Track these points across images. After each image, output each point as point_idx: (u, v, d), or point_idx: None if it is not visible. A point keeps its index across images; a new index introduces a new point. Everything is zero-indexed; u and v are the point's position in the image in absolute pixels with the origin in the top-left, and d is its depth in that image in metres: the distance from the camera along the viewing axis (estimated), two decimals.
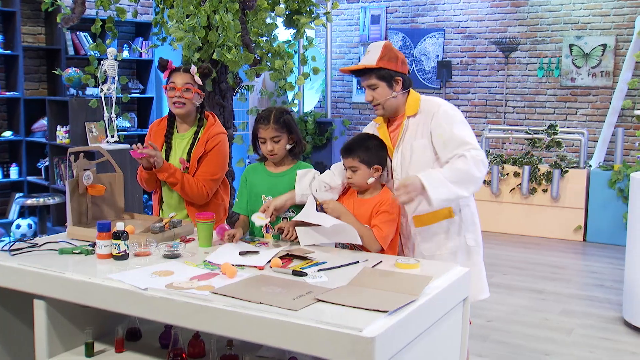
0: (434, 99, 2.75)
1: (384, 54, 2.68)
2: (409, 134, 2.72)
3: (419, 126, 2.70)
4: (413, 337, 1.92)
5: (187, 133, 3.15)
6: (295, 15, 5.37)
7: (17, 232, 6.07)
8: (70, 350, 2.41)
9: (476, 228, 2.80)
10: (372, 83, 2.71)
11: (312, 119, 8.61)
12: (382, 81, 2.69)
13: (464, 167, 2.53)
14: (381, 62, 2.67)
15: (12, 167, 6.85)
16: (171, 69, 3.11)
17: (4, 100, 6.90)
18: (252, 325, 1.86)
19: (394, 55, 2.70)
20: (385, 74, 2.68)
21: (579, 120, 8.01)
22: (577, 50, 7.92)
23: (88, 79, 5.58)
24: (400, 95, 2.73)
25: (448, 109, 2.69)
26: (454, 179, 2.52)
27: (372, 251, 2.62)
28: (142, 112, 7.87)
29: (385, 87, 2.70)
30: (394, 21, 9.26)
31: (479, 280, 2.78)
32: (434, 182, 2.50)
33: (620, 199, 6.56)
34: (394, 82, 2.70)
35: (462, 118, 2.69)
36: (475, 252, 2.78)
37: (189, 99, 3.05)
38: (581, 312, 4.59)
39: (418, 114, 2.72)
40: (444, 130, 2.63)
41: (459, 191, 2.53)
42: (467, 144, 2.59)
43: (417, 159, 2.67)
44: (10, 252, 2.46)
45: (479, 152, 2.58)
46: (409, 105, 2.74)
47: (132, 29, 7.85)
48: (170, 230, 2.73)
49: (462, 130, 2.63)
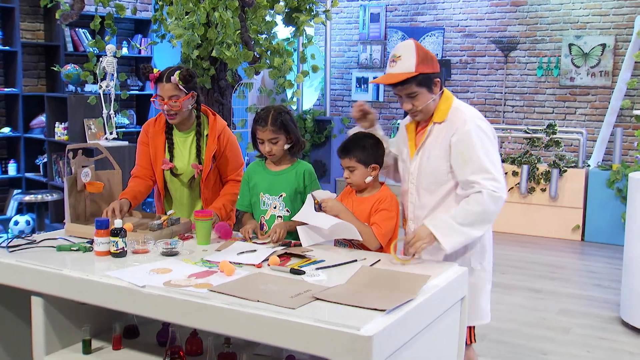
0: (463, 111, 2.51)
1: (419, 56, 2.43)
2: (430, 141, 2.55)
3: (440, 136, 2.52)
4: (411, 336, 1.92)
5: (188, 132, 3.10)
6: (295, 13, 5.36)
7: (15, 228, 6.06)
8: (68, 347, 2.41)
9: (484, 252, 2.61)
10: (412, 91, 2.47)
11: (311, 116, 8.61)
12: (423, 87, 2.47)
13: (479, 209, 2.39)
14: (420, 67, 2.43)
15: (11, 163, 6.84)
16: (154, 78, 2.93)
17: (2, 97, 6.89)
18: (250, 324, 1.86)
19: (428, 55, 2.47)
20: (426, 78, 2.45)
21: (577, 119, 8.01)
22: (577, 50, 7.92)
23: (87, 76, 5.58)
24: (438, 97, 2.54)
25: (473, 128, 2.45)
26: (468, 221, 2.40)
27: (371, 249, 2.62)
28: (140, 109, 7.86)
29: (426, 93, 2.48)
30: (393, 19, 9.25)
31: (477, 304, 2.60)
32: (445, 230, 2.40)
33: (619, 199, 6.57)
34: (433, 85, 2.49)
35: (488, 139, 2.47)
36: (478, 275, 2.60)
37: (178, 109, 2.94)
38: (579, 311, 4.59)
39: (444, 122, 2.52)
40: (466, 149, 2.44)
41: (473, 232, 2.42)
42: (486, 172, 2.40)
43: (432, 170, 2.53)
44: (8, 249, 2.46)
45: (498, 183, 2.41)
46: (438, 109, 2.54)
47: (131, 26, 7.83)
48: (169, 228, 2.72)
49: (486, 155, 2.43)
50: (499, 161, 2.50)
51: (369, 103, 9.32)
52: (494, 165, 2.44)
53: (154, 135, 3.10)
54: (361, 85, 9.52)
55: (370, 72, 9.42)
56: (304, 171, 2.88)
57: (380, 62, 9.34)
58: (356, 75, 9.54)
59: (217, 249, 2.55)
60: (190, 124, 3.10)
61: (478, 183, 2.40)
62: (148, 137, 3.11)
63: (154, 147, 3.08)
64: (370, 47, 9.43)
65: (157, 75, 2.94)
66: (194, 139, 3.08)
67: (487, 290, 2.65)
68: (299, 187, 2.86)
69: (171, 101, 2.91)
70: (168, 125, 3.09)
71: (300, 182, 2.87)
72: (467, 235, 2.43)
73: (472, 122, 2.46)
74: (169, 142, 3.08)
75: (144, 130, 3.14)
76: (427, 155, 2.55)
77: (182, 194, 3.14)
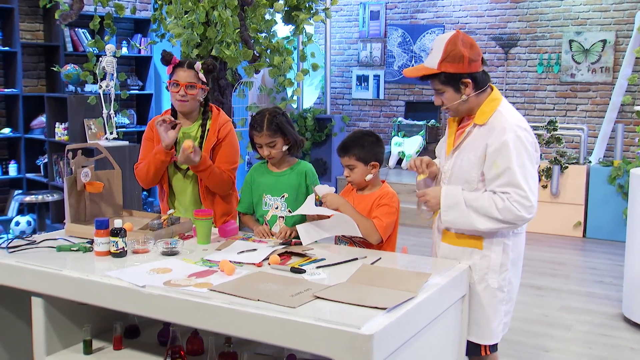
0: (505, 118, 2.35)
1: (446, 53, 2.31)
2: (467, 142, 2.42)
3: (478, 140, 2.38)
4: (412, 335, 1.91)
5: (192, 126, 3.11)
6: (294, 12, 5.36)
7: (16, 229, 6.06)
8: (69, 347, 2.41)
9: (504, 271, 2.44)
10: (438, 88, 2.39)
11: (311, 115, 8.60)
12: (448, 86, 2.36)
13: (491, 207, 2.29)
14: (443, 65, 2.32)
15: (11, 164, 6.84)
16: (175, 63, 3.02)
17: (2, 97, 6.88)
18: (251, 323, 1.85)
19: (458, 53, 2.31)
20: (450, 78, 2.34)
21: (578, 116, 8.00)
22: (577, 46, 7.90)
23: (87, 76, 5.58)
24: (473, 98, 2.38)
25: (511, 139, 2.29)
26: (476, 209, 2.31)
27: (372, 242, 2.62)
28: (141, 108, 7.86)
29: (453, 92, 2.37)
30: (393, 17, 9.24)
31: (487, 323, 2.44)
32: (450, 202, 2.35)
33: (620, 195, 6.55)
34: (461, 85, 2.35)
35: (526, 152, 2.31)
36: (492, 294, 2.42)
37: (193, 96, 3.00)
38: (581, 308, 4.59)
39: (484, 126, 2.37)
40: (501, 159, 2.29)
41: (475, 222, 2.32)
42: (518, 187, 2.27)
43: (465, 174, 2.40)
44: (8, 250, 2.45)
45: (527, 202, 2.27)
46: (481, 111, 2.39)
47: (130, 26, 7.82)
48: (169, 228, 2.72)
49: (520, 169, 2.28)
50: (535, 178, 2.34)
51: (369, 101, 9.38)
52: (527, 181, 2.29)
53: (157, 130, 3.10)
54: (361, 83, 9.51)
55: (370, 70, 9.41)
56: (305, 171, 2.90)
57: (380, 59, 9.33)
58: (356, 73, 9.53)
59: (218, 248, 2.55)
60: (195, 117, 3.13)
61: (508, 194, 2.28)
62: (153, 133, 3.13)
63: (159, 142, 3.09)
64: (370, 45, 9.41)
65: (178, 61, 3.03)
66: (197, 134, 3.10)
67: (500, 311, 2.45)
68: (301, 187, 2.87)
69: (187, 85, 2.97)
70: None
71: (302, 182, 2.88)
72: (468, 221, 2.33)
73: (512, 132, 2.30)
74: None
75: (150, 126, 3.18)
76: (461, 157, 2.42)
77: (184, 189, 3.14)
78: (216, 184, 3.03)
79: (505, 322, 2.50)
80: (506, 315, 2.49)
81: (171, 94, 3.04)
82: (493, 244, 2.41)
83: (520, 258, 2.54)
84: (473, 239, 2.42)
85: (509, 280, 2.46)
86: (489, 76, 2.45)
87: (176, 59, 3.03)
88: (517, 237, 2.47)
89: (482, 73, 2.40)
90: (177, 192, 3.16)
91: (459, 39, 2.33)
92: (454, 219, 2.37)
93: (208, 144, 3.06)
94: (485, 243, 2.41)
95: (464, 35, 2.36)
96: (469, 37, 2.38)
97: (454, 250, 2.47)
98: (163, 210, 3.19)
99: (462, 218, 2.34)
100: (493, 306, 2.43)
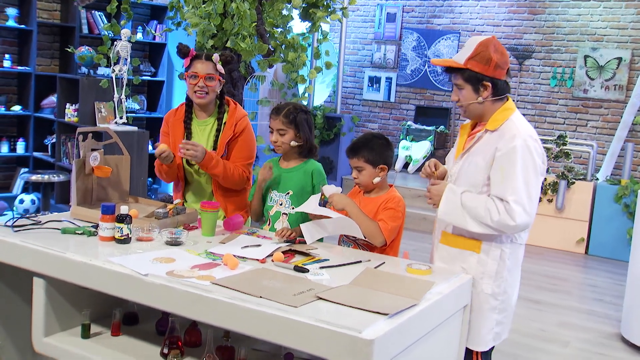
0: (517, 126, 2.38)
1: (476, 52, 2.36)
2: (477, 147, 2.44)
3: (488, 145, 2.40)
4: (412, 342, 1.91)
5: (208, 119, 3.11)
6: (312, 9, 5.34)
7: (20, 207, 6.07)
8: (67, 330, 2.41)
9: (500, 279, 2.44)
10: (459, 83, 2.43)
11: (321, 113, 8.59)
12: (468, 84, 2.41)
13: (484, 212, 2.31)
14: (470, 63, 2.37)
15: (19, 141, 6.85)
16: (192, 55, 3.01)
17: (15, 75, 6.89)
18: (251, 319, 1.85)
19: (487, 56, 2.36)
20: (472, 76, 2.39)
21: (588, 132, 7.97)
22: (592, 62, 7.87)
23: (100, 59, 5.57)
24: (488, 103, 2.43)
25: (520, 146, 2.31)
26: (471, 210, 2.34)
27: (375, 244, 2.61)
28: (152, 95, 7.86)
29: (471, 91, 2.41)
30: (409, 20, 9.22)
31: (477, 329, 2.44)
32: (451, 197, 2.38)
33: (626, 215, 6.53)
34: (481, 86, 2.39)
35: (532, 162, 2.33)
36: (485, 300, 2.43)
37: (212, 88, 3.00)
38: (579, 325, 4.57)
39: (495, 132, 2.40)
40: (507, 165, 2.31)
41: (467, 223, 2.35)
42: (517, 195, 2.28)
43: (471, 177, 2.43)
44: (13, 228, 2.46)
45: (523, 214, 2.28)
46: (494, 118, 2.42)
47: (147, 12, 7.82)
48: (174, 217, 2.72)
49: (523, 178, 2.30)
50: (537, 189, 2.36)
51: (380, 103, 9.36)
52: (528, 191, 2.30)
53: (173, 124, 3.14)
54: (373, 85, 9.50)
55: (383, 72, 9.39)
56: (313, 170, 2.88)
57: (393, 62, 9.31)
58: (369, 74, 9.51)
59: (222, 242, 2.54)
60: (211, 111, 3.12)
61: (508, 203, 2.28)
62: (169, 127, 3.15)
63: (174, 136, 3.11)
64: (384, 47, 9.39)
65: (196, 53, 3.03)
66: (213, 127, 3.09)
67: (491, 319, 2.45)
68: (307, 186, 2.86)
69: (206, 77, 2.97)
70: (187, 115, 3.12)
71: (308, 181, 2.87)
72: (461, 218, 2.36)
73: (521, 140, 2.32)
74: (187, 131, 3.10)
75: (165, 120, 3.19)
76: (469, 160, 2.45)
77: (198, 183, 3.14)
78: (228, 180, 3.02)
79: (497, 332, 2.49)
80: (498, 325, 2.48)
81: (189, 86, 3.02)
82: (491, 249, 2.42)
83: (517, 269, 2.54)
84: (471, 242, 2.44)
85: (504, 289, 2.46)
86: (509, 87, 2.48)
87: (194, 51, 3.02)
88: (515, 246, 2.47)
89: (504, 82, 2.44)
90: (191, 186, 3.16)
91: (492, 43, 2.39)
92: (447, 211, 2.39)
93: (224, 138, 3.05)
94: (484, 247, 2.42)
95: (498, 42, 2.43)
96: (502, 45, 2.45)
97: (451, 252, 2.49)
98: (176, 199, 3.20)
99: (456, 215, 2.38)
100: (484, 312, 2.43)
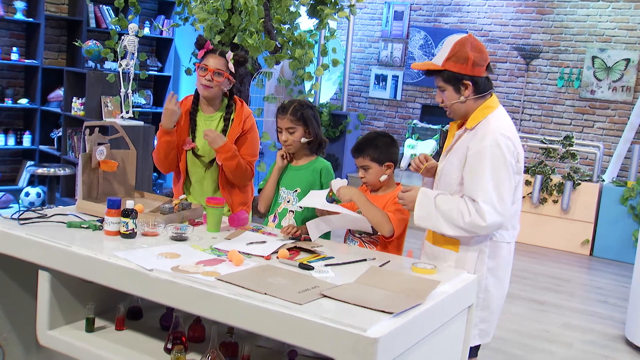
0: (490, 124, 2.39)
1: (452, 53, 2.38)
2: (457, 146, 2.48)
3: (464, 144, 2.44)
4: (416, 341, 1.90)
5: (214, 115, 3.14)
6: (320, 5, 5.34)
7: (25, 199, 6.09)
8: (71, 323, 2.41)
9: (480, 277, 2.45)
10: (440, 85, 2.46)
11: (327, 110, 8.58)
12: (449, 84, 2.43)
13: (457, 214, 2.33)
14: (448, 64, 2.40)
15: (26, 134, 6.87)
16: (207, 49, 3.06)
17: (22, 68, 6.91)
18: (255, 316, 1.85)
19: (464, 55, 2.37)
20: (452, 76, 2.41)
21: (595, 133, 7.94)
22: (600, 63, 7.84)
23: (107, 53, 5.58)
24: (471, 101, 2.44)
25: (490, 145, 2.33)
26: (445, 213, 2.36)
27: (384, 234, 2.60)
28: (158, 90, 7.87)
29: (452, 91, 2.44)
30: (417, 19, 9.19)
31: None
32: (425, 201, 2.41)
33: (631, 217, 6.51)
34: (461, 86, 2.42)
35: (503, 159, 2.33)
36: None
37: (218, 83, 3.03)
38: (582, 327, 4.56)
39: (472, 130, 2.43)
40: (476, 165, 2.34)
41: (442, 227, 2.38)
42: (487, 195, 2.30)
43: (448, 176, 2.48)
44: (19, 221, 2.46)
45: (494, 214, 2.30)
46: (473, 116, 2.44)
47: (154, 6, 7.83)
48: (180, 212, 2.72)
49: (492, 177, 2.32)
50: (508, 187, 2.36)
51: (386, 101, 9.34)
52: (498, 190, 2.31)
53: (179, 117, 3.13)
54: (379, 83, 9.48)
55: (390, 70, 9.37)
56: (322, 168, 2.88)
57: (400, 60, 9.29)
58: (375, 72, 9.50)
59: (227, 237, 2.54)
60: (217, 107, 3.15)
61: (477, 203, 2.31)
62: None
63: (179, 126, 3.11)
64: (391, 45, 9.38)
65: (212, 47, 3.09)
66: (219, 122, 3.11)
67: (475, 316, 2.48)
68: (315, 184, 2.86)
69: (215, 71, 3.00)
70: (193, 107, 3.14)
71: (316, 179, 2.86)
72: (435, 222, 2.39)
73: (492, 138, 2.33)
74: (192, 123, 3.12)
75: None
76: (449, 159, 2.49)
77: (202, 177, 3.15)
78: (238, 173, 3.04)
79: (482, 329, 2.53)
80: (482, 322, 2.52)
81: (197, 77, 3.06)
82: (469, 248, 2.46)
83: (502, 268, 2.54)
84: (450, 240, 2.48)
85: (484, 287, 2.49)
86: (491, 83, 2.50)
87: (210, 45, 3.07)
88: (496, 244, 2.48)
89: (485, 79, 2.46)
90: (194, 181, 3.17)
91: (468, 41, 2.40)
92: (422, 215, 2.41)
93: (232, 135, 3.06)
94: (462, 246, 2.47)
95: (475, 40, 2.44)
96: (479, 42, 2.46)
97: (435, 250, 2.55)
98: (176, 194, 3.20)
99: (430, 219, 2.40)
100: None
